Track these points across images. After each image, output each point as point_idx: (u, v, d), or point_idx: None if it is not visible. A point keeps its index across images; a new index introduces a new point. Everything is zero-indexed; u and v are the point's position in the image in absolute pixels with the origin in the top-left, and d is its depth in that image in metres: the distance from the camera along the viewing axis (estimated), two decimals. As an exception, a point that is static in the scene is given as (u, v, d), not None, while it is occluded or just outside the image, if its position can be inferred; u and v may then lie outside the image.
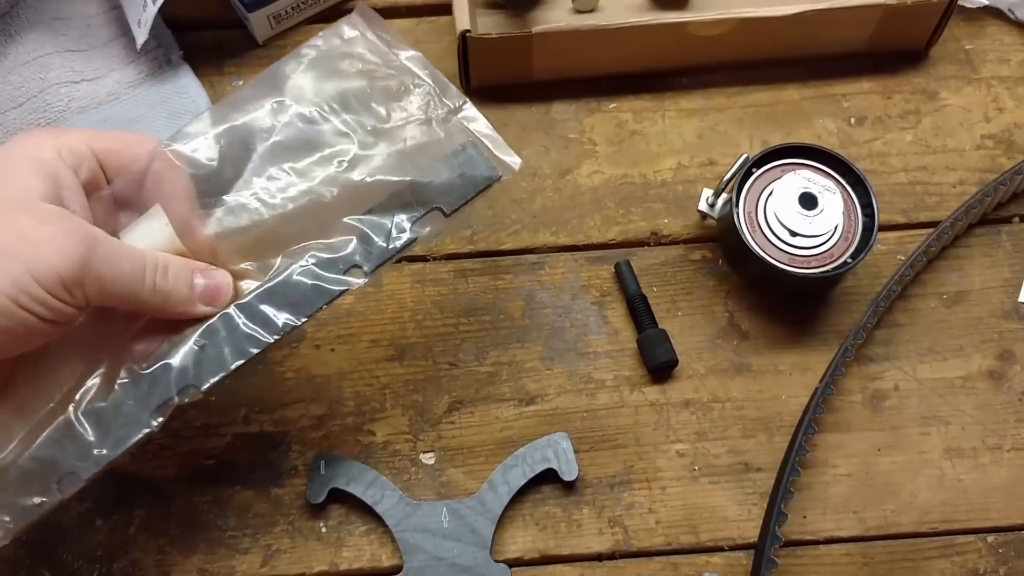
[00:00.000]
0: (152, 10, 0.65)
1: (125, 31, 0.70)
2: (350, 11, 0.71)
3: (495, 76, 0.69)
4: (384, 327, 0.63)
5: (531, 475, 0.58)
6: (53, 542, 0.57)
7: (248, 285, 0.52)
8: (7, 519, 0.48)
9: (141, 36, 0.67)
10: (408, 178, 0.53)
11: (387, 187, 0.53)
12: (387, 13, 0.72)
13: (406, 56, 0.56)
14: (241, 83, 0.70)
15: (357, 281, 0.52)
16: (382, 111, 0.54)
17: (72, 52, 0.69)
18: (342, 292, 0.51)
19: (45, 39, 0.69)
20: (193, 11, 0.72)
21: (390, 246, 0.52)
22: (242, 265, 0.53)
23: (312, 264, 0.52)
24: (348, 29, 0.56)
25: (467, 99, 0.55)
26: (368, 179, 0.53)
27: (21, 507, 0.49)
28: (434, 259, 0.65)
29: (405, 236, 0.52)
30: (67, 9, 0.71)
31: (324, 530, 0.58)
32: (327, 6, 0.72)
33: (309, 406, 0.61)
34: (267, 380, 0.61)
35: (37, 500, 0.49)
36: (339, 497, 0.58)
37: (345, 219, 0.53)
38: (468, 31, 0.64)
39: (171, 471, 0.59)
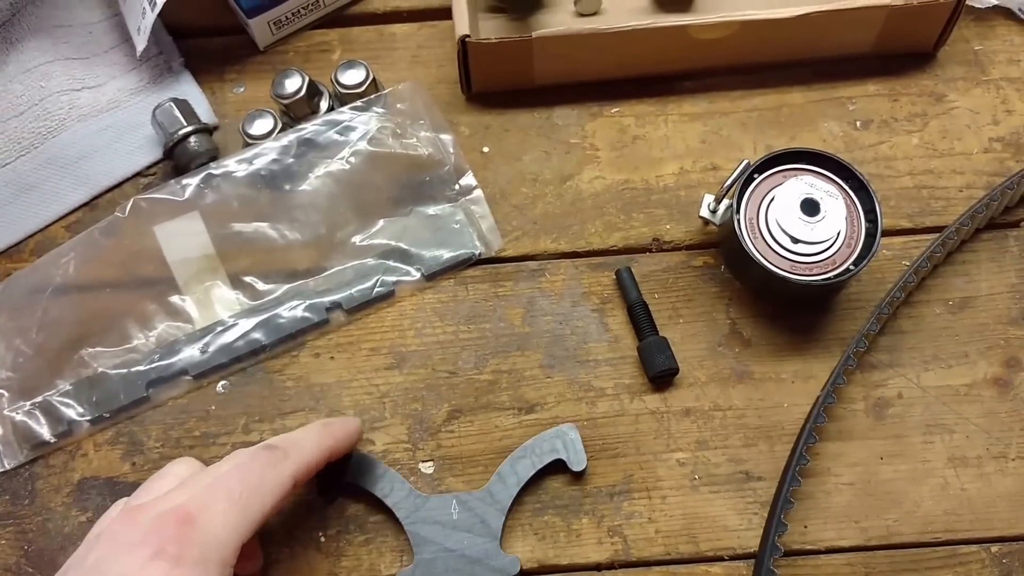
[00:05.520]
0: (151, 17, 0.65)
1: (126, 38, 0.70)
2: (350, 18, 0.71)
3: (496, 81, 0.68)
4: (384, 335, 0.63)
5: (540, 466, 0.58)
6: (54, 551, 0.57)
7: (238, 297, 0.63)
8: None
9: (141, 43, 0.67)
10: (402, 245, 0.64)
11: (382, 246, 0.65)
12: (388, 18, 0.73)
13: (443, 137, 0.66)
14: (242, 90, 0.70)
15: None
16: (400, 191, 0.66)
17: (73, 60, 0.70)
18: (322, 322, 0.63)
19: (46, 46, 0.69)
20: (195, 17, 0.72)
21: (373, 293, 0.63)
22: (247, 278, 0.64)
23: (299, 304, 0.63)
24: (400, 103, 0.67)
25: (477, 186, 0.66)
26: (365, 242, 0.65)
27: None
28: (434, 266, 0.65)
29: (384, 289, 0.63)
30: (68, 16, 0.71)
31: (323, 540, 0.58)
32: (328, 11, 0.72)
33: (308, 415, 0.61)
34: (266, 389, 0.61)
35: None
36: (347, 492, 0.58)
37: (338, 267, 0.64)
38: (468, 36, 0.64)
39: (170, 481, 0.59)
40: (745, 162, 0.60)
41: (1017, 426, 0.60)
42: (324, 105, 0.67)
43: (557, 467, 0.58)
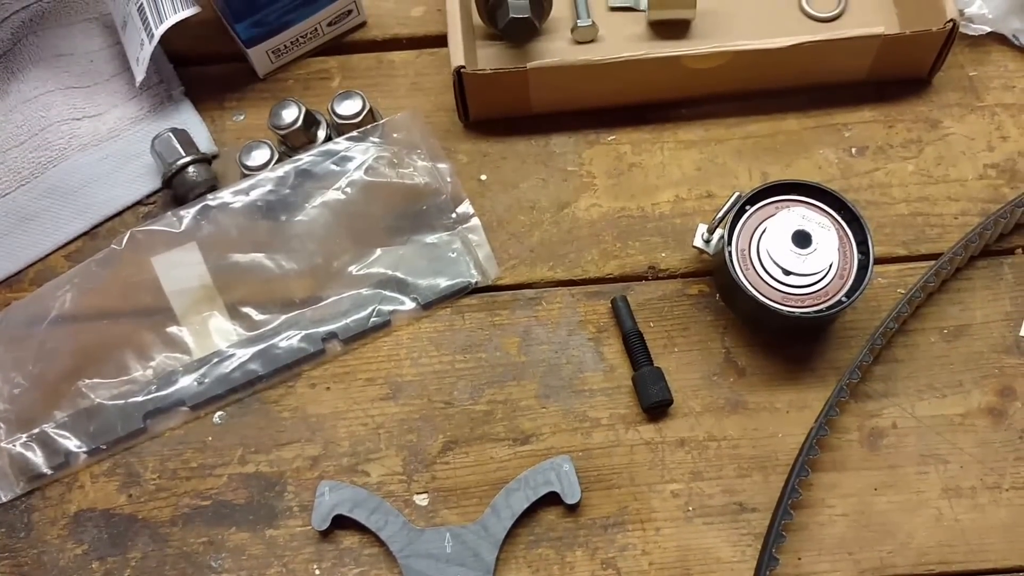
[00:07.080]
0: (149, 49, 0.65)
1: (127, 66, 0.71)
2: (349, 46, 0.72)
3: (493, 109, 0.69)
4: (380, 365, 0.63)
5: (534, 499, 0.58)
6: (52, 583, 0.58)
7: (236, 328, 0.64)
8: None
9: (140, 74, 0.67)
10: (399, 274, 0.65)
11: (378, 275, 0.65)
12: (387, 45, 0.73)
13: (439, 165, 0.67)
14: (242, 118, 0.71)
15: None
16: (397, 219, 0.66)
17: (74, 88, 0.70)
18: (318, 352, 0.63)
19: (47, 76, 0.70)
20: (195, 45, 0.72)
21: (369, 323, 0.63)
22: (244, 309, 0.64)
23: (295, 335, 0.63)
24: (397, 133, 0.67)
25: (474, 214, 0.66)
26: (361, 271, 0.65)
27: None
28: (430, 295, 0.65)
29: (380, 319, 0.64)
30: (69, 45, 0.72)
31: (317, 573, 0.58)
32: (327, 39, 0.72)
33: (304, 446, 0.61)
34: (263, 419, 0.62)
35: None
36: (342, 524, 0.58)
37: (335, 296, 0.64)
38: (463, 67, 0.64)
39: (167, 512, 0.59)
40: (737, 194, 0.61)
41: (1011, 456, 0.60)
42: (322, 134, 0.68)
43: (551, 499, 0.59)
